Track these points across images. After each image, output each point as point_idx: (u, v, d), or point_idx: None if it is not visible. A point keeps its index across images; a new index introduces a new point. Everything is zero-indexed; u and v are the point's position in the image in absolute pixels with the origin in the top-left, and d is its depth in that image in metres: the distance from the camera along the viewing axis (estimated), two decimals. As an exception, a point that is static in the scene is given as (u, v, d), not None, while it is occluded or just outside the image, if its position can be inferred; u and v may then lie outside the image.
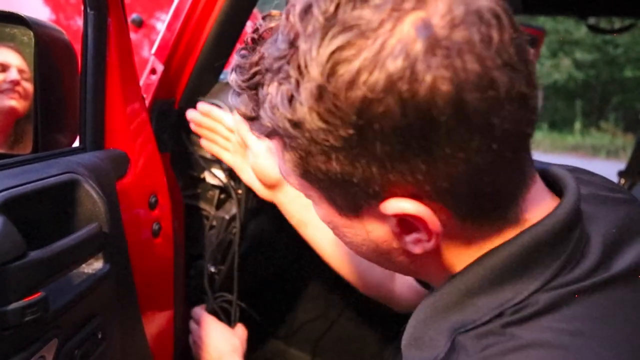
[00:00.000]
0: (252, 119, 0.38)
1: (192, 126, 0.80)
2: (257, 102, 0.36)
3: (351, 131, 0.33)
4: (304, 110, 0.33)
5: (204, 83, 0.84)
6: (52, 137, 0.65)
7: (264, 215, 0.93)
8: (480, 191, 0.35)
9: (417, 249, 0.38)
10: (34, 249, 0.42)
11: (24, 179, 0.47)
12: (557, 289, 0.36)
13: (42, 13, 1.29)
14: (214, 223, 0.89)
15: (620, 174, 1.65)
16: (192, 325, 0.85)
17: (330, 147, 0.34)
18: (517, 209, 0.38)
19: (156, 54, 0.78)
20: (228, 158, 0.79)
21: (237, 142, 0.76)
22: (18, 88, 0.79)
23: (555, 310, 0.36)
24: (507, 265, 0.37)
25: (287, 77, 0.33)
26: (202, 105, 0.80)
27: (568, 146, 8.15)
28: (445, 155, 0.32)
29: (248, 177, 0.78)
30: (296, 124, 0.34)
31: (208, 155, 0.87)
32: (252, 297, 0.94)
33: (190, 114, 0.80)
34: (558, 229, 0.38)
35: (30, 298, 0.40)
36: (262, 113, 0.36)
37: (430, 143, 0.32)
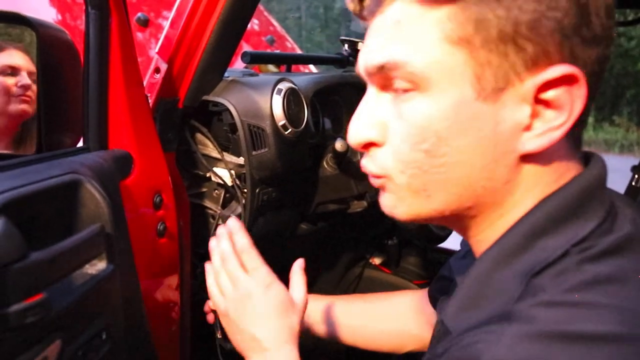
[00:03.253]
0: None
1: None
2: None
3: None
4: None
5: (209, 81, 0.84)
6: (56, 138, 0.65)
7: (270, 214, 0.93)
8: (594, 94, 0.39)
9: (543, 142, 0.38)
10: (36, 250, 0.42)
11: (26, 180, 0.47)
12: (614, 233, 0.39)
13: (48, 14, 1.29)
14: (220, 222, 0.89)
15: (634, 169, 1.62)
16: (232, 269, 0.57)
17: None
18: (580, 150, 0.42)
19: (159, 53, 0.77)
20: None
21: None
22: (29, 92, 0.79)
23: (622, 250, 0.38)
24: (569, 204, 0.39)
25: None
26: None
27: (580, 141, 8.01)
28: (597, 37, 0.37)
29: None
30: None
31: (212, 154, 0.86)
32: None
33: None
34: (600, 178, 0.41)
35: (31, 299, 0.40)
36: None
37: (593, 22, 0.37)
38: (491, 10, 0.36)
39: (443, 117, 0.38)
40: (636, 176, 1.59)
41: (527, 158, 0.39)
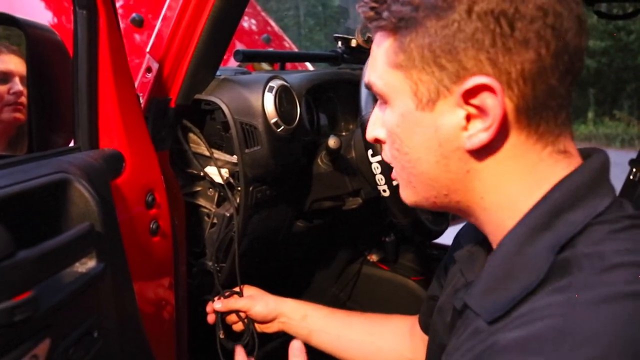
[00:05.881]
0: (371, 20, 0.47)
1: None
2: (378, 3, 0.46)
3: (462, 7, 0.41)
4: None
5: (201, 80, 0.84)
6: (47, 138, 0.65)
7: (265, 212, 0.93)
8: (539, 96, 0.43)
9: (476, 141, 0.44)
10: (24, 249, 0.42)
11: (14, 179, 0.47)
12: (630, 205, 0.45)
13: (41, 15, 1.29)
14: (215, 220, 0.89)
15: (632, 162, 1.61)
16: None
17: (441, 23, 0.43)
18: (566, 141, 0.46)
19: (151, 52, 0.77)
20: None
21: None
22: (22, 99, 0.80)
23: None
24: (585, 184, 0.44)
25: None
26: None
27: (581, 136, 8.02)
28: (524, 41, 0.41)
29: None
30: (417, 7, 0.43)
31: (205, 153, 0.86)
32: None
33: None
34: (606, 164, 0.46)
35: (19, 298, 0.40)
36: (385, 7, 0.45)
37: (515, 29, 0.41)
38: (411, 39, 0.44)
39: (398, 124, 0.48)
40: (634, 170, 1.59)
41: (479, 152, 0.45)
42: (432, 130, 0.45)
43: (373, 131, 0.53)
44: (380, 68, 0.47)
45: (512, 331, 0.39)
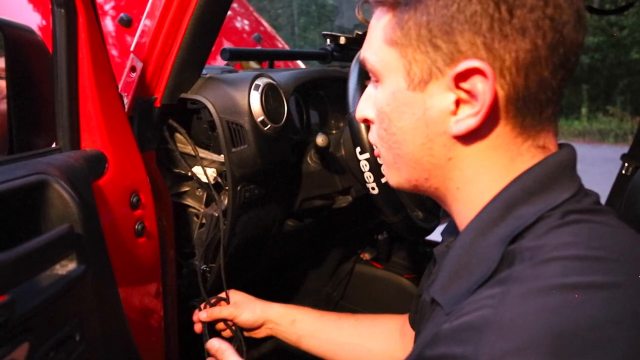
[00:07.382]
0: None
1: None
2: None
3: None
4: None
5: (186, 79, 0.83)
6: (28, 139, 0.64)
7: (254, 211, 0.92)
8: (531, 87, 0.42)
9: (462, 126, 0.43)
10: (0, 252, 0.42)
11: (-11, 181, 0.46)
12: (589, 197, 0.45)
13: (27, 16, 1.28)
14: (204, 221, 0.88)
15: (624, 157, 1.61)
16: None
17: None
18: (547, 137, 0.45)
19: (135, 51, 0.77)
20: None
21: None
22: None
23: (598, 211, 0.44)
24: (543, 178, 0.44)
25: None
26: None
27: (575, 132, 8.06)
28: (521, 29, 0.40)
29: None
30: None
31: (193, 153, 0.86)
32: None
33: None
34: (570, 158, 0.46)
35: (-6, 302, 0.40)
36: None
37: (514, 15, 0.40)
38: (410, 16, 0.44)
39: (387, 102, 0.47)
40: (626, 164, 1.59)
41: (464, 139, 0.44)
42: (421, 111, 0.45)
43: (363, 110, 0.53)
44: (376, 44, 0.47)
45: (450, 321, 0.40)
